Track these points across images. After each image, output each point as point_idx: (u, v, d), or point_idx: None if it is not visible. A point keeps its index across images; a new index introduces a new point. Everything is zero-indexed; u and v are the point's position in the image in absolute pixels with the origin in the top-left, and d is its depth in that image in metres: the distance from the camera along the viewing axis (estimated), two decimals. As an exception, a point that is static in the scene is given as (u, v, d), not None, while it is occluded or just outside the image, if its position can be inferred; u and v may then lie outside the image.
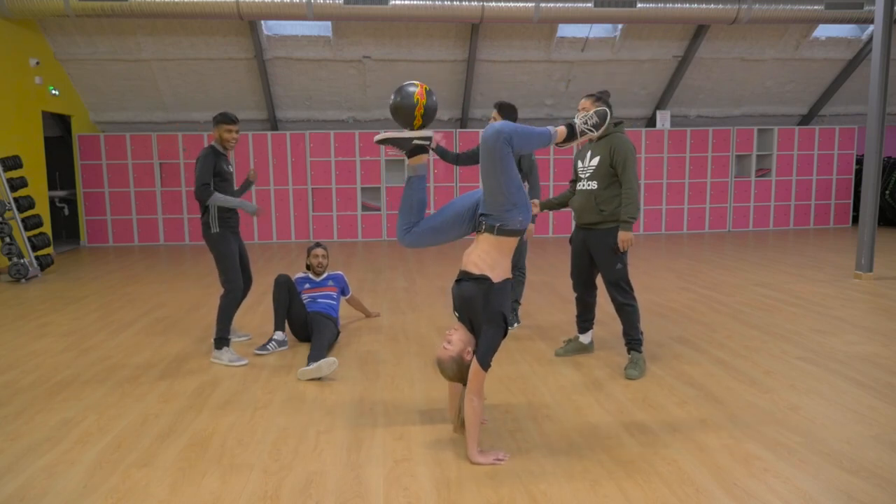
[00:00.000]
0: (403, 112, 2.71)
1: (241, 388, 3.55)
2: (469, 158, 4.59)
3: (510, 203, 2.63)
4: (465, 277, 2.68)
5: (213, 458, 2.70)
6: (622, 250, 3.66)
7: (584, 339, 4.10)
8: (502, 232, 2.65)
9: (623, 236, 3.62)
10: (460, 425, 2.74)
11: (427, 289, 6.29)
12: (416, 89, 2.70)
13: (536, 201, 3.96)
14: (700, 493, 2.35)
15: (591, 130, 2.89)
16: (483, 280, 2.62)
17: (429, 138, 2.77)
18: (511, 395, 3.37)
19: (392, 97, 2.73)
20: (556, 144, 2.89)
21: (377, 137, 2.77)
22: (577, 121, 2.88)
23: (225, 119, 4.09)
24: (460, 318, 2.72)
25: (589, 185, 3.73)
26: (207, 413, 3.20)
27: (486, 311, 2.59)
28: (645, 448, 2.73)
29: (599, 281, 3.95)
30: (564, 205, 4.03)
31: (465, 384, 2.69)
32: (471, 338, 2.70)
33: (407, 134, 2.74)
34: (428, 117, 2.74)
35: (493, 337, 2.59)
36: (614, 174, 3.65)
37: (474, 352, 2.63)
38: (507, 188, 2.61)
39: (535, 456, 2.67)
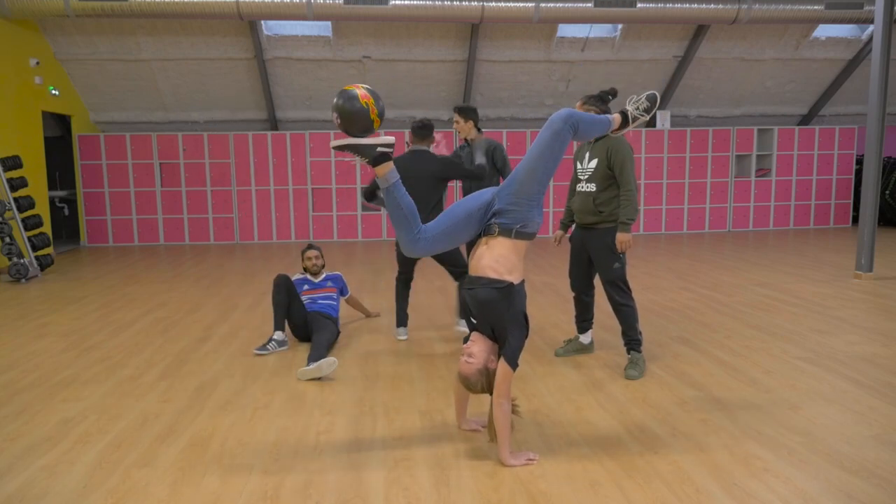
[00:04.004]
0: (359, 117, 2.45)
1: (241, 388, 3.55)
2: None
3: (539, 195, 2.62)
4: (480, 284, 2.58)
5: (213, 458, 2.70)
6: (620, 251, 3.66)
7: (584, 339, 4.10)
8: (520, 235, 2.61)
9: (622, 238, 3.61)
10: (495, 434, 2.62)
11: (427, 289, 6.29)
12: (358, 91, 2.46)
13: None
14: (700, 493, 2.36)
15: (642, 115, 2.89)
16: (505, 286, 2.55)
17: (391, 145, 2.53)
18: (512, 394, 3.37)
19: (337, 103, 2.46)
20: (611, 131, 2.90)
21: (335, 143, 2.51)
22: (630, 107, 2.88)
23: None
24: (479, 326, 2.65)
25: (588, 186, 3.73)
26: (207, 413, 3.20)
27: (509, 315, 2.55)
28: (645, 448, 2.73)
29: (597, 281, 3.96)
30: (572, 211, 4.01)
31: (491, 393, 2.63)
32: (491, 346, 2.63)
33: (369, 141, 2.50)
34: (381, 117, 2.51)
35: (519, 337, 2.57)
36: (612, 176, 3.64)
37: (501, 355, 2.58)
38: (546, 176, 2.61)
39: (535, 456, 2.67)
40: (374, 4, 8.10)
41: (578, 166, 3.83)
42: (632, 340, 3.74)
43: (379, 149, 2.51)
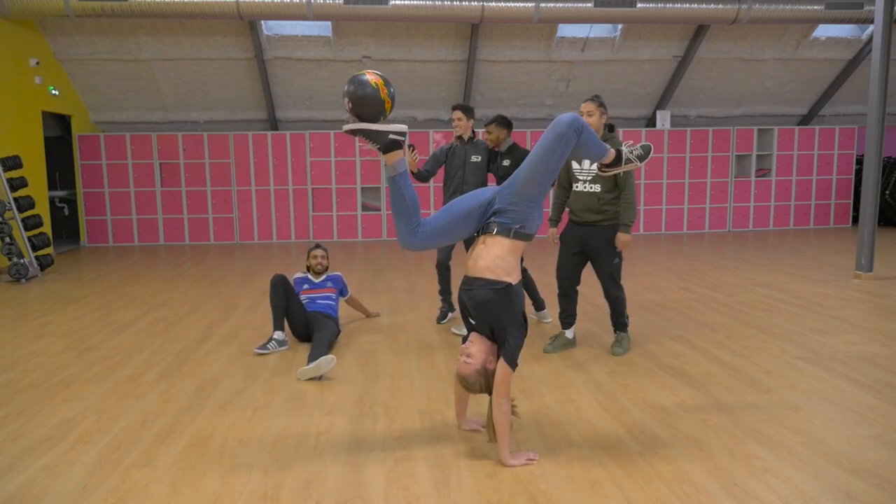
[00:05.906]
0: (371, 100, 2.45)
1: (241, 388, 3.55)
2: (429, 172, 4.78)
3: (540, 197, 2.62)
4: (478, 284, 2.57)
5: (213, 458, 2.70)
6: (619, 250, 3.90)
7: (569, 334, 4.22)
8: (519, 235, 2.60)
9: (623, 238, 3.85)
10: (494, 434, 2.62)
11: (427, 289, 6.29)
12: (368, 77, 2.47)
13: None
14: (700, 493, 2.35)
15: (635, 160, 2.95)
16: (503, 286, 2.54)
17: (404, 133, 2.52)
18: (511, 394, 3.37)
19: (348, 89, 2.46)
20: (602, 165, 2.94)
21: (348, 127, 2.49)
22: (625, 149, 2.94)
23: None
24: (478, 326, 2.64)
25: (592, 187, 3.90)
26: (207, 413, 3.20)
27: (508, 315, 2.55)
28: (645, 448, 2.73)
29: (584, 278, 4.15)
30: (564, 209, 4.24)
31: (490, 393, 2.63)
32: (490, 346, 2.63)
33: (382, 127, 2.50)
34: (393, 100, 2.51)
35: (518, 337, 2.57)
36: (614, 178, 3.84)
37: (500, 356, 2.57)
38: (547, 178, 2.61)
39: (535, 456, 2.67)
40: (374, 4, 8.10)
41: (576, 166, 3.98)
42: (619, 323, 4.12)
43: (391, 136, 2.51)
